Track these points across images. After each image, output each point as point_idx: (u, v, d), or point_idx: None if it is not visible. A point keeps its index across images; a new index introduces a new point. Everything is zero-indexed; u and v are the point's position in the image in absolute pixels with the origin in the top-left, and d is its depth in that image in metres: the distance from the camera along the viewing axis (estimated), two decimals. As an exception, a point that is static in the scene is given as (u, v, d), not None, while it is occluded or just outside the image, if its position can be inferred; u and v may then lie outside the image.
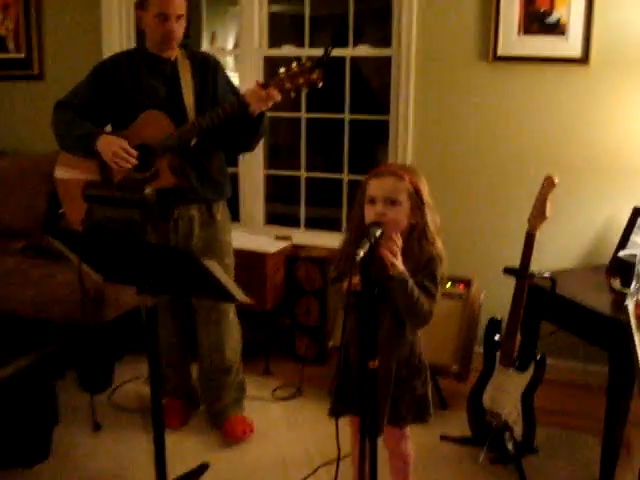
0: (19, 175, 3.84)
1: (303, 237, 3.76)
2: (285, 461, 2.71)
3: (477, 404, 2.65)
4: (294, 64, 2.41)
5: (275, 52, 3.73)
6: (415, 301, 1.89)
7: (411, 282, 1.87)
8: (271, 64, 3.67)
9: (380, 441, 1.93)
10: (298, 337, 3.59)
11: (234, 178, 3.88)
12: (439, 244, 2.00)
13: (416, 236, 1.96)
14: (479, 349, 3.13)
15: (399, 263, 1.84)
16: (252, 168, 3.85)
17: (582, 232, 3.25)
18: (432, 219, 1.99)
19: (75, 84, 2.64)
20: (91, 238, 1.93)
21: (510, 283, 2.54)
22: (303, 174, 3.84)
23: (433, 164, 3.40)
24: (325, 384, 2.32)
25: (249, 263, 3.33)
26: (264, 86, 2.40)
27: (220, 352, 2.81)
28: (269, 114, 3.70)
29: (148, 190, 1.87)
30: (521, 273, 2.48)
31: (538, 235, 2.45)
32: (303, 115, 3.77)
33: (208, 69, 2.64)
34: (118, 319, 3.24)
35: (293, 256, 3.56)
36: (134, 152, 2.45)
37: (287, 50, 3.71)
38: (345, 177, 3.74)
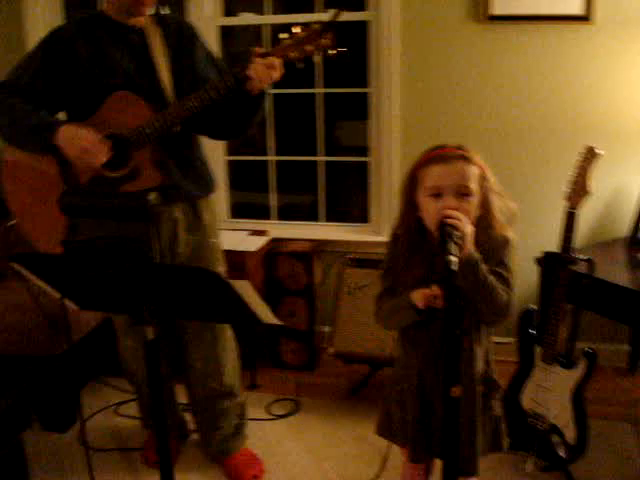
0: None
1: (278, 230, 3.35)
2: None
3: (514, 407, 2.37)
4: (298, 29, 1.98)
5: (232, 21, 3.26)
6: (490, 287, 1.55)
7: (483, 265, 1.54)
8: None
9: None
10: (283, 342, 3.20)
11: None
12: (509, 231, 1.67)
13: (482, 226, 1.62)
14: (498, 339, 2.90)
15: (468, 243, 1.49)
16: (212, 154, 3.38)
17: (590, 205, 3.01)
18: (499, 205, 1.65)
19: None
20: (78, 263, 1.47)
21: (530, 266, 2.27)
22: (273, 158, 3.42)
23: (424, 140, 3.05)
24: (322, 391, 1.88)
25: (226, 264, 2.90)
26: (263, 56, 1.96)
27: (217, 378, 2.37)
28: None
29: (153, 196, 1.42)
30: (564, 257, 2.20)
31: (535, 213, 2.18)
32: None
33: (184, 37, 2.16)
34: (78, 343, 2.74)
35: (273, 252, 3.15)
36: (107, 144, 1.97)
37: (247, 18, 3.25)
38: (321, 159, 3.35)
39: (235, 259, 2.93)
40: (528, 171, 3.00)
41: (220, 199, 3.46)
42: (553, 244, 2.23)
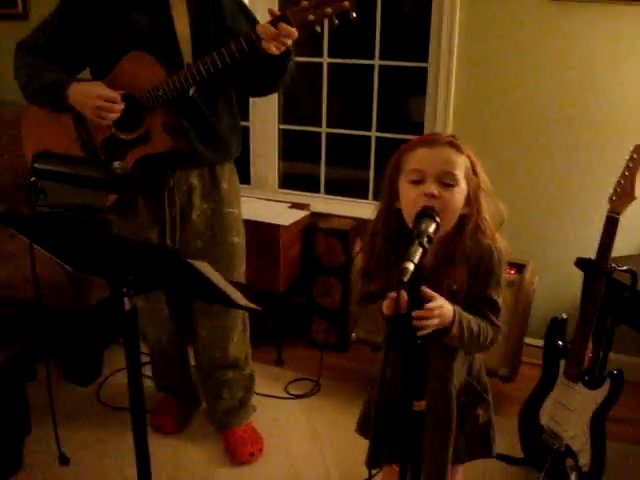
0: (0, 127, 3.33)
1: (323, 204, 3.24)
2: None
3: (532, 420, 2.18)
4: None
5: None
6: (477, 342, 1.45)
7: (466, 324, 1.41)
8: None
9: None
10: (315, 321, 3.12)
11: (244, 132, 3.36)
12: (500, 239, 1.49)
13: (470, 229, 1.45)
14: (529, 340, 2.70)
15: (444, 316, 1.35)
16: (265, 121, 3.32)
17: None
18: (489, 208, 1.48)
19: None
20: (46, 227, 1.44)
21: (568, 270, 2.05)
22: (324, 130, 3.29)
23: (479, 123, 2.85)
24: (347, 375, 1.76)
25: (259, 237, 2.84)
26: (277, 20, 1.84)
27: (222, 348, 2.34)
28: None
29: (117, 164, 1.36)
30: (599, 267, 1.97)
31: (591, 214, 1.94)
32: (325, 60, 3.20)
33: None
34: (101, 303, 2.76)
35: (311, 227, 3.05)
36: (118, 97, 1.92)
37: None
38: (373, 134, 3.19)
39: (270, 231, 2.87)
40: (586, 163, 2.72)
41: (272, 169, 3.40)
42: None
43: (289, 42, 1.84)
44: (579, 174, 2.74)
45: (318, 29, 1.85)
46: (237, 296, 1.43)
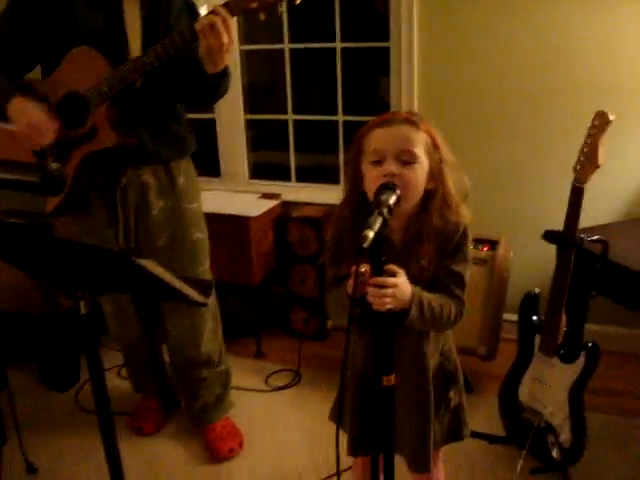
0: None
1: (294, 192, 3.20)
2: (281, 476, 2.24)
3: (511, 398, 2.16)
4: None
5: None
6: (440, 321, 1.43)
7: (427, 304, 1.39)
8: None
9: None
10: (294, 311, 3.08)
11: (210, 125, 3.31)
12: (466, 212, 1.46)
13: (436, 204, 1.43)
14: (507, 316, 2.66)
15: (399, 297, 1.32)
16: (231, 112, 3.26)
17: (629, 177, 2.67)
18: (454, 181, 1.45)
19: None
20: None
21: (544, 244, 2.02)
22: (291, 117, 3.24)
23: (445, 100, 2.80)
24: (327, 364, 1.71)
25: (229, 230, 2.80)
26: (217, 7, 1.78)
27: (194, 346, 2.29)
28: (244, 48, 3.09)
29: (54, 166, 1.31)
30: (567, 238, 1.93)
31: (564, 185, 1.92)
32: (286, 46, 3.14)
33: None
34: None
35: (283, 217, 3.01)
36: (51, 123, 1.88)
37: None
38: (340, 118, 3.14)
39: (239, 224, 2.82)
40: (553, 137, 2.68)
41: (241, 160, 3.34)
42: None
43: (224, 36, 1.76)
44: (547, 144, 2.70)
45: (262, 17, 1.80)
46: (189, 291, 1.39)
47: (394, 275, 1.30)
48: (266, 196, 3.07)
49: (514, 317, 2.61)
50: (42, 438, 2.43)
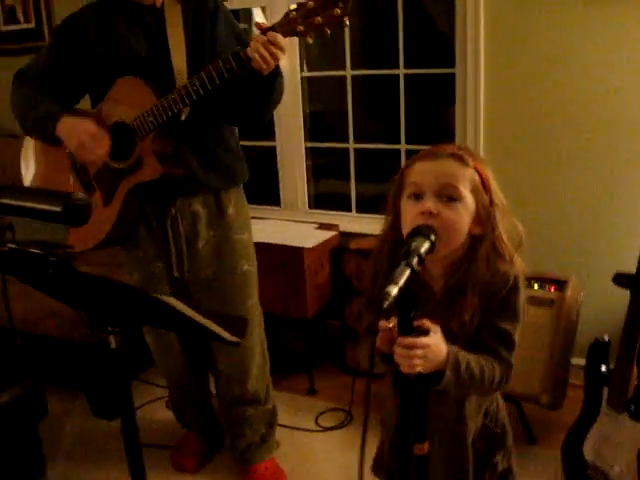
0: None
1: (353, 223, 3.10)
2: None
3: (575, 454, 1.96)
4: None
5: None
6: (480, 385, 1.26)
7: (464, 367, 1.22)
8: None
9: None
10: (349, 346, 2.96)
11: (271, 153, 3.26)
12: (519, 262, 1.31)
13: (484, 252, 1.28)
14: (577, 361, 2.45)
15: (434, 358, 1.17)
16: (291, 140, 3.21)
17: None
18: (505, 227, 1.30)
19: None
20: (12, 266, 1.37)
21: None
22: (352, 145, 3.15)
23: (512, 130, 2.63)
24: (380, 404, 1.56)
25: (284, 260, 2.72)
26: (265, 31, 1.73)
27: (241, 384, 2.21)
28: (305, 74, 3.03)
29: (80, 195, 1.27)
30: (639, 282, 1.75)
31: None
32: (348, 72, 3.05)
33: (206, 14, 1.97)
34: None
35: (340, 248, 2.91)
36: (104, 135, 1.87)
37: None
38: (403, 147, 3.03)
39: (293, 254, 2.74)
40: (631, 170, 2.47)
41: (301, 189, 3.28)
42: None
43: (279, 54, 1.72)
44: (624, 178, 2.49)
45: (309, 40, 1.74)
46: (216, 329, 1.33)
47: (426, 333, 1.16)
48: (323, 226, 2.99)
49: (583, 362, 2.42)
50: (87, 466, 2.41)
